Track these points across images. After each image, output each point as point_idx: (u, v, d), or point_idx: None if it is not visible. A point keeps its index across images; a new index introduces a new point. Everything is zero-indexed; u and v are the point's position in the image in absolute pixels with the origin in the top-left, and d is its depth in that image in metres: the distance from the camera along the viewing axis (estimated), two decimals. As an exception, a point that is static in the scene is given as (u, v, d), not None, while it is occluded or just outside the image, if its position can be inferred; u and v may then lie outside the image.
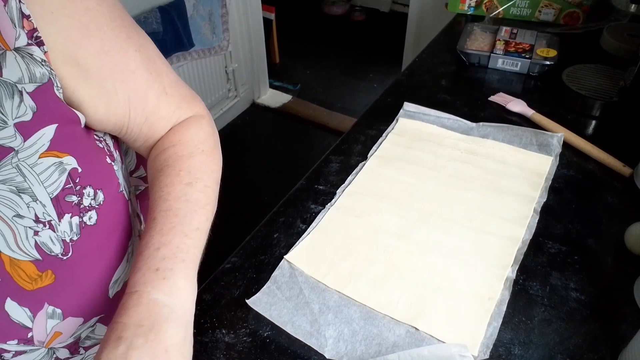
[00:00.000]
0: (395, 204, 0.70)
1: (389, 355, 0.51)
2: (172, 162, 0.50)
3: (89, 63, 0.42)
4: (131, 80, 0.47)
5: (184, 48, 1.79)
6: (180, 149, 0.51)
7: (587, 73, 0.93)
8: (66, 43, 0.40)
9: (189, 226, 0.47)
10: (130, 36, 0.46)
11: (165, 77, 0.51)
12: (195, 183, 0.50)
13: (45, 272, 0.42)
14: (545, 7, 1.14)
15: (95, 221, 0.46)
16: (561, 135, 0.80)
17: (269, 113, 2.47)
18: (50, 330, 0.46)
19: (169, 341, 0.39)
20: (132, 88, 0.47)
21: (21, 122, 0.37)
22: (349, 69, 2.80)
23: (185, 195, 0.48)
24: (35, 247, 0.41)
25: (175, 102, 0.53)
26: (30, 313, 0.43)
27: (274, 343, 0.55)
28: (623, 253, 0.63)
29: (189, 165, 0.51)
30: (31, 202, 0.40)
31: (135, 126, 0.50)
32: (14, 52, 0.37)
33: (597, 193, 0.72)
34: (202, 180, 0.51)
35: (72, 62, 0.41)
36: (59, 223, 0.42)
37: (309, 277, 0.61)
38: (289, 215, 0.70)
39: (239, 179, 2.06)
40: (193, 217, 0.47)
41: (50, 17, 0.39)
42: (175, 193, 0.48)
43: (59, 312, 0.45)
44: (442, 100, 0.92)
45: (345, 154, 0.80)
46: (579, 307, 0.57)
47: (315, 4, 3.34)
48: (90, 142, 0.46)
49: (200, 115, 0.56)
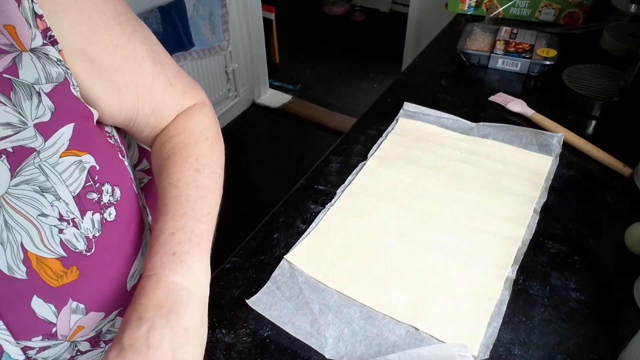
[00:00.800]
0: (395, 204, 0.70)
1: (389, 355, 0.51)
2: (179, 150, 0.52)
3: (100, 58, 0.43)
4: (139, 72, 0.48)
5: (184, 48, 1.79)
6: (187, 137, 0.53)
7: (587, 73, 0.93)
8: (78, 39, 0.41)
9: (200, 211, 0.48)
10: (135, 29, 0.48)
11: (168, 67, 0.53)
12: (203, 169, 0.51)
13: (70, 269, 0.43)
14: (545, 7, 1.14)
15: (114, 217, 0.47)
16: (561, 135, 0.80)
17: (269, 113, 2.47)
18: (74, 325, 0.46)
19: (189, 322, 0.41)
20: (140, 80, 0.48)
21: (40, 122, 0.38)
22: (349, 69, 2.80)
23: (194, 182, 0.49)
24: (61, 245, 0.42)
25: (179, 92, 0.54)
26: (55, 309, 0.44)
27: (274, 343, 0.55)
28: (623, 253, 0.63)
29: (195, 152, 0.52)
30: (55, 200, 0.40)
31: (143, 117, 0.51)
32: (30, 52, 0.38)
33: (597, 193, 0.72)
34: (210, 167, 0.52)
35: (85, 58, 0.42)
36: (82, 220, 0.43)
37: (309, 277, 0.61)
38: (289, 215, 0.70)
39: (239, 179, 2.05)
40: (204, 202, 0.49)
41: (62, 15, 0.40)
42: (184, 180, 0.49)
43: (82, 307, 0.46)
44: (442, 100, 0.92)
45: (345, 154, 0.80)
46: (579, 307, 0.57)
47: (315, 4, 3.34)
48: (103, 139, 0.48)
49: (202, 103, 0.57)
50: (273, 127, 2.42)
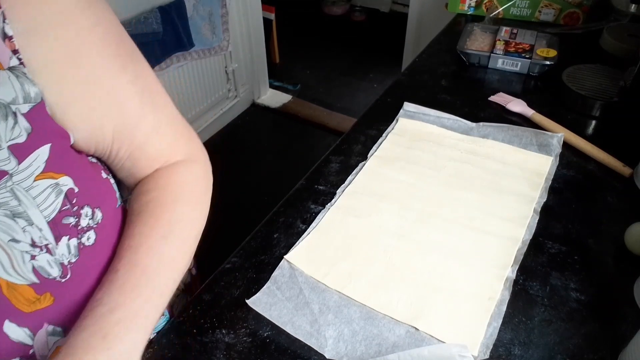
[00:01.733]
0: (395, 204, 0.70)
1: (389, 356, 0.51)
2: (152, 209, 0.47)
3: (74, 90, 0.40)
4: (119, 112, 0.44)
5: (184, 48, 1.79)
6: (164, 196, 0.48)
7: (587, 73, 0.92)
8: (53, 68, 0.38)
9: (153, 288, 0.44)
10: (125, 66, 0.44)
11: (160, 113, 0.48)
12: (171, 237, 0.46)
13: (44, 295, 0.41)
14: (545, 7, 1.14)
15: (94, 241, 0.44)
16: (561, 135, 0.80)
17: (269, 113, 2.47)
18: (53, 346, 0.45)
19: None
20: (119, 121, 0.44)
21: (15, 144, 0.36)
22: (349, 69, 2.80)
23: (158, 251, 0.45)
24: (33, 271, 0.40)
25: (166, 141, 0.49)
26: (30, 332, 0.42)
27: (274, 343, 0.55)
28: (623, 253, 0.63)
29: (169, 215, 0.47)
30: (27, 226, 0.38)
31: (118, 160, 0.47)
32: (8, 71, 0.36)
33: (597, 193, 0.72)
34: (181, 235, 0.48)
35: (57, 88, 0.39)
36: (56, 246, 0.41)
37: (309, 277, 0.61)
38: (289, 215, 0.70)
39: (239, 179, 2.06)
40: (160, 277, 0.45)
41: (37, 39, 0.37)
42: (147, 245, 0.45)
43: (60, 329, 0.44)
44: (442, 100, 0.92)
45: (345, 154, 0.80)
46: (579, 307, 0.57)
47: (315, 4, 3.34)
48: (83, 159, 0.45)
49: (192, 160, 0.52)
50: (273, 127, 2.43)
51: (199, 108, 2.13)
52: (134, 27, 1.56)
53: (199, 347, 0.54)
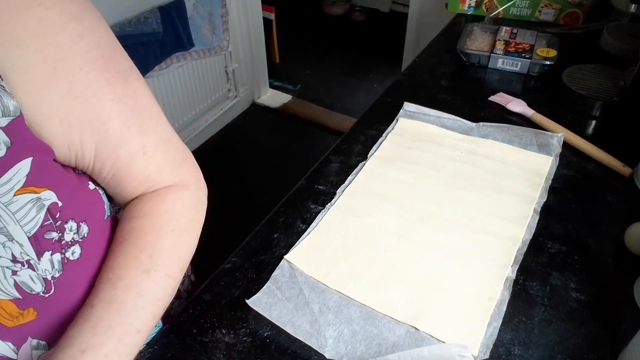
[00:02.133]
0: (395, 204, 0.70)
1: (389, 356, 0.51)
2: (135, 239, 0.45)
3: (52, 105, 0.38)
4: (101, 131, 0.42)
5: (184, 48, 1.79)
6: (148, 224, 0.46)
7: (587, 73, 0.93)
8: (31, 80, 0.37)
9: (129, 327, 0.42)
10: (111, 82, 0.42)
11: (150, 134, 0.46)
12: (154, 271, 0.44)
13: (27, 310, 0.40)
14: (545, 7, 1.14)
15: (79, 255, 0.43)
16: (561, 135, 0.80)
17: (269, 113, 2.47)
18: (37, 359, 0.44)
19: None
20: (101, 140, 0.42)
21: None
22: (349, 69, 2.80)
23: (137, 286, 0.43)
24: (15, 287, 0.39)
25: (154, 164, 0.47)
26: (14, 346, 0.41)
27: (274, 343, 0.55)
28: (623, 253, 0.63)
29: (153, 247, 0.45)
30: (7, 241, 0.37)
31: (102, 179, 0.46)
32: None
33: (597, 193, 0.72)
34: (164, 268, 0.45)
35: (35, 102, 0.37)
36: (38, 262, 0.40)
37: (309, 277, 0.61)
38: (289, 215, 0.70)
39: (239, 179, 2.06)
40: (138, 316, 0.43)
41: (17, 51, 0.36)
42: (127, 280, 0.43)
43: (44, 343, 0.43)
44: (442, 100, 0.92)
45: (345, 154, 0.80)
46: (579, 307, 0.57)
47: (315, 4, 3.34)
48: (68, 172, 0.43)
49: (183, 186, 0.50)
50: (273, 127, 2.42)
51: (199, 108, 2.13)
52: (134, 27, 1.56)
53: (199, 347, 0.54)
